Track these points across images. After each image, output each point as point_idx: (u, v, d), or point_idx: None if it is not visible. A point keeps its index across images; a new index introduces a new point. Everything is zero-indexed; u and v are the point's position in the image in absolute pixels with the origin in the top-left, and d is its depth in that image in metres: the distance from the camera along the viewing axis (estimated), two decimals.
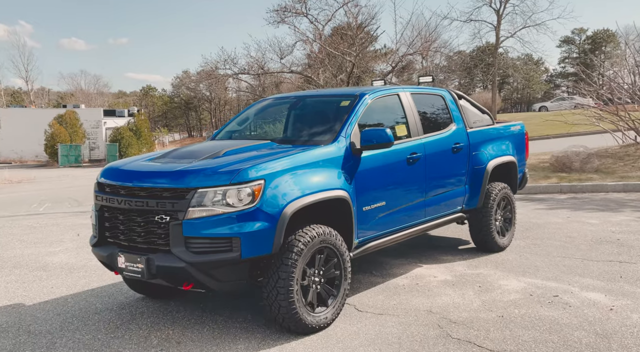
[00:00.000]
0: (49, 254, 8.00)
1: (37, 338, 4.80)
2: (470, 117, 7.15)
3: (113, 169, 5.11)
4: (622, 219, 9.12)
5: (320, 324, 4.74)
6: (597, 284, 5.72)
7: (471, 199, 6.92)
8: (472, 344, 4.36)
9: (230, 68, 23.29)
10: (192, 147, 5.63)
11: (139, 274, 4.57)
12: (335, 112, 5.73)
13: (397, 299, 5.51)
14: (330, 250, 4.89)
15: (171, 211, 4.43)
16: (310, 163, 4.90)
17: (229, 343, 4.56)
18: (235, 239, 4.33)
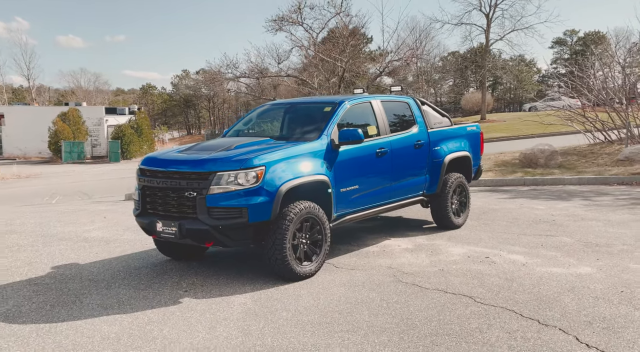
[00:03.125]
0: (85, 231, 9.69)
1: (97, 283, 6.49)
2: (431, 119, 8.81)
3: (152, 158, 6.78)
4: (566, 205, 10.81)
5: (306, 274, 6.41)
6: (521, 250, 7.40)
7: (431, 186, 8.59)
8: (415, 286, 6.03)
9: (232, 72, 25.00)
10: (210, 143, 7.31)
11: (173, 235, 6.27)
12: (320, 116, 7.40)
13: (366, 260, 7.18)
14: (314, 219, 6.56)
15: (197, 188, 6.11)
16: (299, 154, 6.58)
17: (239, 286, 6.23)
18: (244, 209, 6.01)
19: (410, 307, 5.36)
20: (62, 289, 6.28)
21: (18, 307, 5.70)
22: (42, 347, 4.67)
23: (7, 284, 6.58)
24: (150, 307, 5.61)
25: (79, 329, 5.04)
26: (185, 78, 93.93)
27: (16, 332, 5.01)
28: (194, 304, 5.68)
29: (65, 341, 4.79)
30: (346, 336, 4.72)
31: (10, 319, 5.36)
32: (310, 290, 6.02)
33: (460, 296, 5.61)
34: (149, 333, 4.92)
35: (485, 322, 4.88)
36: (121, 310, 5.54)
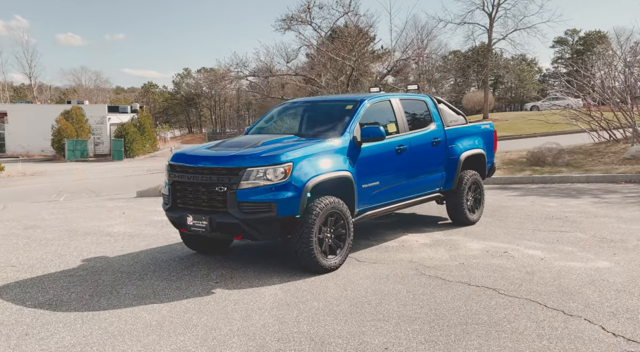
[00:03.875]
0: (107, 226, 9.90)
1: (129, 275, 6.70)
2: (447, 117, 9.02)
3: (182, 155, 6.98)
4: (576, 202, 11.02)
5: (331, 266, 6.62)
6: (538, 245, 7.60)
7: (447, 182, 8.80)
8: (438, 278, 6.23)
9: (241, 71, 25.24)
10: (237, 139, 7.51)
11: (203, 228, 6.47)
12: (342, 114, 7.61)
13: (386, 255, 7.38)
14: (338, 214, 6.77)
15: (228, 183, 6.31)
16: (324, 151, 6.78)
17: (267, 278, 6.43)
18: (273, 203, 6.21)
19: (436, 298, 5.56)
20: (97, 281, 6.49)
21: (59, 297, 5.91)
22: (89, 333, 4.88)
23: (43, 275, 6.80)
24: (185, 297, 5.82)
25: (121, 317, 5.25)
26: (187, 77, 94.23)
27: (62, 319, 5.22)
28: (227, 294, 5.88)
29: (110, 327, 5.00)
30: (379, 324, 4.92)
31: (53, 307, 5.57)
32: (337, 282, 6.21)
33: (483, 288, 5.81)
34: (189, 321, 5.12)
35: (512, 313, 5.08)
36: (157, 300, 5.74)
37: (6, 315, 5.40)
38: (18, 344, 4.68)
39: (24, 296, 5.96)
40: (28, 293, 6.07)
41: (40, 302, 5.76)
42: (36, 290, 6.18)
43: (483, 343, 4.42)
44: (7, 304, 5.71)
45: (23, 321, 5.22)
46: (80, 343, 4.67)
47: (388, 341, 4.56)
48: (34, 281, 6.57)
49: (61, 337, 4.80)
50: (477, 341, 4.48)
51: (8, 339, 4.81)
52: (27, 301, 5.81)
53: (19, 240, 8.84)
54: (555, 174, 14.90)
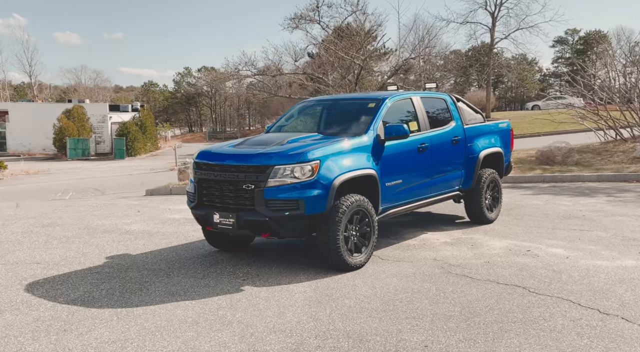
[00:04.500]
0: (124, 224, 9.90)
1: (156, 272, 6.71)
2: (466, 116, 9.03)
3: (207, 153, 6.99)
4: (591, 201, 11.03)
5: (357, 264, 6.63)
6: (560, 244, 7.62)
7: (466, 181, 8.81)
8: (466, 277, 6.24)
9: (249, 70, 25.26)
10: (261, 137, 7.51)
11: (230, 226, 6.48)
12: (364, 112, 7.62)
13: (409, 253, 7.39)
14: (364, 212, 6.77)
15: (255, 181, 6.32)
16: (350, 149, 6.79)
17: (293, 276, 6.44)
18: (301, 201, 6.22)
19: (467, 296, 5.57)
20: (124, 278, 6.50)
21: (89, 293, 5.92)
22: (127, 329, 4.89)
23: (70, 272, 6.81)
24: (215, 294, 5.83)
25: (155, 314, 5.26)
26: (188, 75, 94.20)
27: (97, 316, 5.24)
28: (256, 291, 5.89)
29: (146, 323, 5.01)
30: (414, 322, 4.93)
31: (86, 304, 5.59)
32: (364, 280, 6.22)
33: (513, 287, 5.82)
34: (224, 318, 5.13)
35: (547, 311, 5.09)
36: (188, 297, 5.76)
37: (41, 311, 5.41)
38: (58, 340, 4.70)
39: (55, 293, 5.98)
40: (58, 290, 6.08)
41: (72, 298, 5.77)
42: (66, 287, 6.19)
43: (523, 342, 4.44)
44: (40, 300, 5.73)
45: (59, 317, 5.24)
46: (119, 339, 4.68)
47: (426, 338, 4.57)
48: (62, 277, 6.58)
49: (100, 333, 4.82)
50: (516, 339, 4.49)
51: (48, 334, 4.83)
52: (59, 297, 5.82)
53: (39, 238, 8.85)
54: (566, 173, 14.91)
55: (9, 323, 5.11)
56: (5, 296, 5.93)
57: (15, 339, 4.74)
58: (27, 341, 4.69)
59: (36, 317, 5.25)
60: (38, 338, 4.75)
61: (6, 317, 5.28)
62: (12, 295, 5.94)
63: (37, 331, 4.92)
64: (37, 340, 4.71)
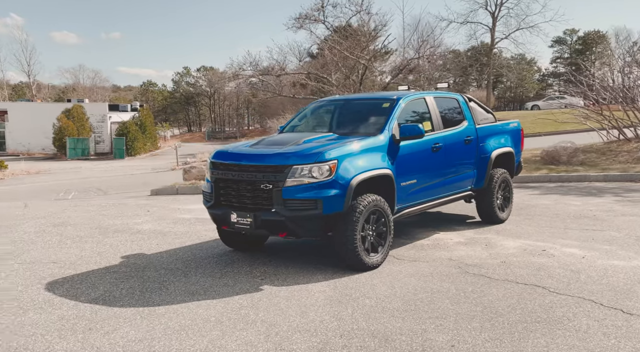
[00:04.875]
0: (135, 224, 9.90)
1: (173, 271, 6.72)
2: (478, 115, 9.04)
3: (224, 153, 6.99)
4: (600, 201, 11.05)
5: (374, 264, 6.64)
6: (574, 244, 7.63)
7: (478, 181, 8.82)
8: (484, 277, 6.26)
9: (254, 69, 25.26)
10: (277, 137, 7.51)
11: (248, 226, 6.49)
12: (379, 112, 7.63)
13: (424, 253, 7.40)
14: (380, 212, 6.79)
15: (273, 181, 6.33)
16: (366, 149, 6.80)
17: (310, 275, 6.45)
18: (318, 201, 6.23)
19: (487, 296, 5.59)
20: (142, 277, 6.50)
21: (110, 293, 5.93)
22: (152, 328, 4.90)
23: (88, 271, 6.82)
24: (235, 293, 5.84)
25: (178, 313, 5.27)
26: (186, 75, 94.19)
27: (120, 315, 5.25)
28: (276, 291, 5.90)
29: (170, 322, 5.02)
30: (437, 322, 4.94)
31: (107, 303, 5.61)
32: (382, 280, 6.23)
33: (533, 287, 5.83)
34: (247, 317, 5.14)
35: (570, 311, 5.10)
36: (208, 296, 5.76)
37: (64, 310, 5.42)
38: (85, 338, 4.71)
39: (76, 292, 5.98)
40: (78, 289, 6.09)
41: (93, 297, 5.78)
42: (86, 286, 6.20)
43: (550, 341, 4.45)
44: (62, 300, 5.74)
45: (82, 315, 5.25)
46: (146, 338, 4.69)
47: (452, 338, 4.58)
48: (81, 277, 6.59)
49: (125, 332, 4.83)
50: (543, 339, 4.50)
51: (74, 333, 4.84)
52: (80, 296, 5.83)
53: (52, 237, 8.85)
54: (572, 173, 14.93)
55: (34, 322, 5.12)
56: (26, 295, 5.94)
57: (42, 338, 4.75)
58: (55, 339, 4.70)
59: (60, 316, 5.26)
60: (65, 337, 4.76)
61: (30, 315, 5.29)
62: (33, 294, 5.95)
63: (62, 329, 4.93)
64: (64, 338, 4.72)
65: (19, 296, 5.91)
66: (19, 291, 6.08)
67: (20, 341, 4.70)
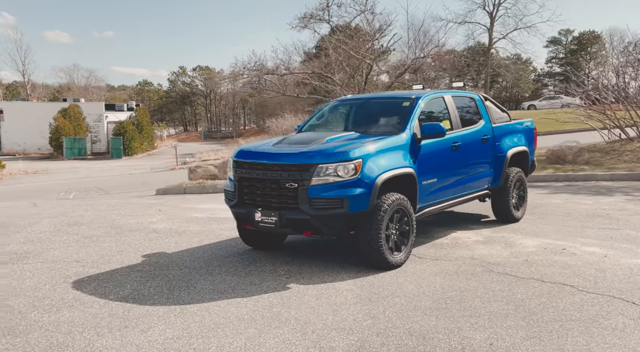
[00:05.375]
0: (150, 223, 9.87)
1: (197, 270, 6.71)
2: (493, 114, 9.06)
3: (247, 152, 6.98)
4: (611, 200, 11.10)
5: (397, 263, 6.65)
6: (594, 242, 7.66)
7: (495, 180, 8.83)
8: (509, 275, 6.27)
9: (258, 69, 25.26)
10: (299, 136, 7.50)
11: (273, 224, 6.49)
12: (399, 110, 7.63)
13: (444, 251, 7.41)
14: (403, 211, 6.79)
15: (299, 180, 6.32)
16: (389, 148, 6.80)
17: (334, 274, 6.45)
18: (344, 199, 6.23)
19: (517, 294, 5.59)
20: (167, 276, 6.49)
21: (138, 291, 5.92)
22: (187, 326, 4.90)
23: (111, 270, 6.80)
24: (263, 291, 5.84)
25: (209, 311, 5.27)
26: (182, 75, 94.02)
27: (152, 313, 5.25)
28: (303, 289, 5.90)
29: (204, 320, 5.02)
30: (471, 320, 4.95)
31: (138, 301, 5.60)
32: (408, 278, 6.24)
33: (560, 285, 5.85)
34: (279, 315, 5.14)
35: (602, 310, 5.11)
36: (237, 294, 5.76)
37: (96, 308, 5.41)
38: (123, 336, 4.71)
39: (104, 290, 5.97)
40: (106, 287, 6.08)
41: (122, 296, 5.77)
42: (113, 284, 6.18)
43: (589, 340, 4.46)
44: (92, 298, 5.72)
45: (115, 314, 5.24)
46: (183, 335, 4.69)
47: (489, 336, 4.58)
48: (105, 275, 6.57)
49: (161, 330, 4.83)
50: (581, 337, 4.51)
51: (111, 330, 4.84)
52: (109, 295, 5.81)
53: (69, 236, 8.81)
54: (579, 172, 14.99)
55: (69, 320, 5.11)
56: (56, 293, 5.91)
57: (80, 335, 4.75)
58: (93, 337, 4.70)
59: (93, 314, 5.25)
60: (103, 334, 4.76)
61: (64, 313, 5.28)
62: (62, 293, 5.93)
63: (98, 327, 4.92)
64: (102, 336, 4.72)
65: (48, 294, 5.89)
66: (47, 289, 6.06)
67: (60, 338, 4.70)
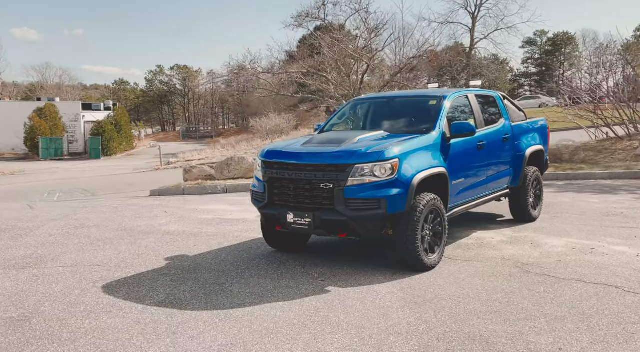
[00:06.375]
0: (160, 225, 9.60)
1: (227, 273, 6.51)
2: (512, 114, 8.98)
3: (277, 152, 6.77)
4: (619, 199, 11.10)
5: (432, 265, 6.51)
6: (620, 242, 7.59)
7: (514, 179, 8.75)
8: (548, 276, 6.16)
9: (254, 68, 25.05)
10: (326, 136, 7.27)
11: (306, 226, 6.31)
12: (427, 109, 7.51)
13: (473, 252, 7.29)
14: (437, 211, 6.66)
15: (335, 180, 6.15)
16: (422, 147, 6.66)
17: (370, 276, 6.30)
18: (382, 200, 6.07)
19: (564, 296, 5.48)
20: (198, 279, 6.27)
21: (173, 295, 5.71)
22: (238, 332, 4.73)
23: (138, 274, 6.57)
24: (303, 295, 5.67)
25: (255, 315, 5.09)
26: (160, 74, 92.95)
27: (196, 318, 5.06)
28: (344, 292, 5.73)
29: (253, 326, 4.85)
30: (529, 323, 4.82)
31: (176, 306, 5.40)
32: (446, 280, 6.10)
33: (604, 286, 5.75)
34: (328, 319, 4.98)
35: None
36: (277, 298, 5.58)
37: (136, 314, 5.20)
38: (174, 342, 4.52)
39: (137, 295, 5.75)
40: (139, 292, 5.85)
41: (158, 301, 5.55)
42: (145, 289, 5.95)
43: None
44: (127, 303, 5.50)
45: (158, 319, 5.04)
46: (237, 342, 4.51)
47: (555, 341, 4.45)
48: (134, 280, 6.34)
49: (212, 336, 4.64)
50: None
51: (159, 337, 4.65)
52: (144, 299, 5.59)
53: (81, 239, 8.52)
54: (578, 171, 15.03)
55: (112, 326, 4.89)
56: (88, 298, 5.67)
57: (129, 342, 4.54)
58: (143, 344, 4.50)
59: (135, 319, 5.03)
60: (152, 341, 4.56)
61: (104, 320, 5.05)
62: (95, 298, 5.69)
63: (145, 333, 4.72)
64: (152, 343, 4.52)
65: (80, 299, 5.65)
66: (78, 294, 5.82)
67: (109, 345, 4.49)
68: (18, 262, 7.19)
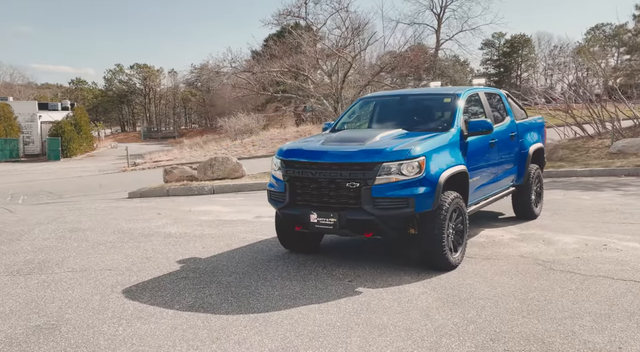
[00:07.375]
0: (158, 227, 9.29)
1: (248, 275, 6.30)
2: (516, 112, 8.98)
3: (297, 150, 6.58)
4: (607, 195, 11.26)
5: (456, 263, 6.42)
6: (629, 237, 7.64)
7: (519, 177, 8.74)
8: (574, 273, 6.13)
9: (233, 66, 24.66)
10: (344, 134, 7.06)
11: (331, 226, 6.15)
12: (442, 107, 7.46)
13: (489, 251, 7.22)
14: (459, 210, 6.57)
15: (361, 179, 6.01)
16: (445, 144, 6.57)
17: (396, 275, 6.17)
18: (410, 199, 5.96)
19: (599, 293, 5.44)
20: (220, 282, 6.06)
21: (201, 300, 5.49)
22: (284, 336, 4.57)
23: (154, 278, 6.31)
24: (336, 296, 5.52)
25: (294, 319, 4.93)
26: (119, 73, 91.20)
27: (234, 322, 4.88)
28: (376, 293, 5.60)
29: (296, 329, 4.70)
30: (577, 322, 4.75)
31: (208, 310, 5.21)
32: (475, 279, 6.01)
33: (634, 283, 5.72)
34: (371, 321, 4.85)
35: None
36: (310, 300, 5.42)
37: (169, 319, 4.97)
38: (220, 348, 4.33)
39: (163, 300, 5.51)
40: (163, 297, 5.60)
41: (187, 305, 5.33)
42: (169, 293, 5.70)
43: None
44: (156, 308, 5.26)
45: (195, 325, 4.82)
46: (287, 346, 4.35)
47: (610, 340, 4.39)
48: (152, 284, 6.08)
49: (259, 341, 4.46)
50: None
51: (203, 343, 4.45)
52: (172, 304, 5.35)
53: (79, 243, 8.15)
54: (559, 168, 15.25)
55: (148, 332, 4.66)
56: (112, 304, 5.40)
57: (173, 349, 4.34)
58: (189, 351, 4.28)
59: (171, 326, 4.80)
60: (197, 347, 4.36)
61: (138, 326, 4.81)
62: (119, 303, 5.43)
63: (186, 339, 4.51)
64: (197, 349, 4.33)
65: (104, 305, 5.38)
66: (99, 300, 5.53)
67: None
68: (21, 268, 6.83)
